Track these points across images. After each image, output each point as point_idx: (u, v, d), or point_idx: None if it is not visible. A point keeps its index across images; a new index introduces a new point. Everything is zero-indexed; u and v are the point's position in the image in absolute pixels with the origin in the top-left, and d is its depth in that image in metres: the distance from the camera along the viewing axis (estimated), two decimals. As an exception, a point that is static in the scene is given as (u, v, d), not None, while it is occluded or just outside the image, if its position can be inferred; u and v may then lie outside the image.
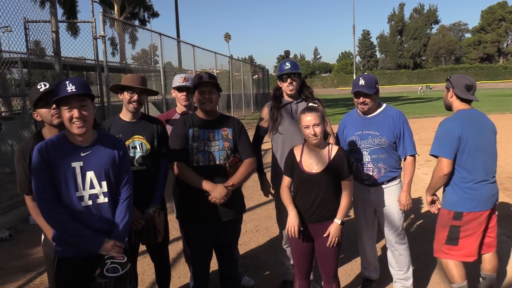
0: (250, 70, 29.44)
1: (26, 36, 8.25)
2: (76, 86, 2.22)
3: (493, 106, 25.55)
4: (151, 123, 3.25)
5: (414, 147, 3.43)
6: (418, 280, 3.82)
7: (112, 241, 2.33)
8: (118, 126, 3.15)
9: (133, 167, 3.09)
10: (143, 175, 3.13)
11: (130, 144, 3.12)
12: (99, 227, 2.36)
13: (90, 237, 2.29)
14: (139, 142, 3.14)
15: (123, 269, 2.28)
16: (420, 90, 56.75)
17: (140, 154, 3.13)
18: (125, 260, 2.32)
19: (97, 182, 2.35)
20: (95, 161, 2.34)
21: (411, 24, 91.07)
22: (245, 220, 5.86)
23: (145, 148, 3.14)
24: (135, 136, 3.14)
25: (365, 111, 3.43)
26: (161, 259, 3.42)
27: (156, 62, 16.26)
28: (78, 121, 2.23)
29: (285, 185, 3.02)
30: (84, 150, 2.33)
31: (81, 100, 2.25)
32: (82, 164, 2.31)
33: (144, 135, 3.17)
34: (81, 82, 2.27)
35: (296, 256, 3.05)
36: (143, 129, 3.18)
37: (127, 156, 2.55)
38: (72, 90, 2.20)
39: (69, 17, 24.65)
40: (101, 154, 2.37)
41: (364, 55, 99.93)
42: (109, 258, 2.29)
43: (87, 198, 2.33)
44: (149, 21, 32.55)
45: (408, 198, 3.40)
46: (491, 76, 73.77)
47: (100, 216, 2.37)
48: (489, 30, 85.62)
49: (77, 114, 2.22)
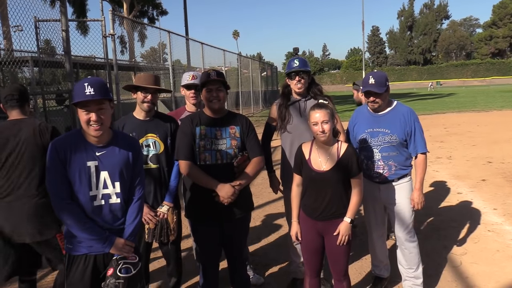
0: (259, 67, 29.40)
1: (36, 35, 8.30)
2: (95, 89, 2.19)
3: (505, 102, 25.23)
4: (164, 121, 3.27)
5: (425, 145, 3.39)
6: (429, 278, 3.79)
7: (123, 240, 2.34)
8: (132, 124, 3.18)
9: (147, 165, 3.13)
10: (157, 173, 3.16)
11: (144, 143, 3.15)
12: (110, 226, 2.37)
13: (102, 236, 2.30)
14: (152, 140, 3.17)
15: (135, 269, 2.31)
16: (430, 86, 56.28)
17: (154, 152, 3.16)
18: (136, 260, 2.34)
19: (111, 182, 2.35)
20: (110, 161, 2.34)
21: (421, 19, 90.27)
22: (254, 218, 5.86)
23: (159, 147, 3.17)
24: (149, 134, 3.17)
25: (376, 109, 3.39)
26: (173, 257, 3.44)
27: (165, 60, 16.31)
28: (95, 124, 2.23)
29: (296, 184, 3.01)
30: (99, 149, 2.33)
31: (100, 103, 2.23)
32: (97, 164, 2.31)
33: (158, 134, 3.19)
34: (100, 84, 2.24)
35: (306, 254, 3.05)
36: (157, 128, 3.20)
37: (141, 156, 2.55)
38: (90, 93, 2.18)
39: (78, 16, 24.86)
40: (116, 154, 2.37)
41: (373, 51, 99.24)
42: (121, 258, 2.30)
43: (100, 197, 2.33)
44: (157, 19, 32.76)
45: (421, 196, 3.38)
46: (502, 71, 72.88)
47: (111, 216, 2.37)
48: (500, 25, 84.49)
49: (95, 117, 2.21)
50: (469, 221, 5.37)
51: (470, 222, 5.34)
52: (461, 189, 6.93)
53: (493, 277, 3.86)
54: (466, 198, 6.40)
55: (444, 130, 14.22)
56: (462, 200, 6.33)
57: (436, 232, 5.05)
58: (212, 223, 3.01)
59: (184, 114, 3.81)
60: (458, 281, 3.84)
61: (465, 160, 9.21)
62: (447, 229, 5.14)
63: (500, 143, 10.90)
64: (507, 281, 3.77)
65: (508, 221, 5.29)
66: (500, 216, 5.49)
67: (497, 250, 4.46)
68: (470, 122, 15.74)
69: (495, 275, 3.88)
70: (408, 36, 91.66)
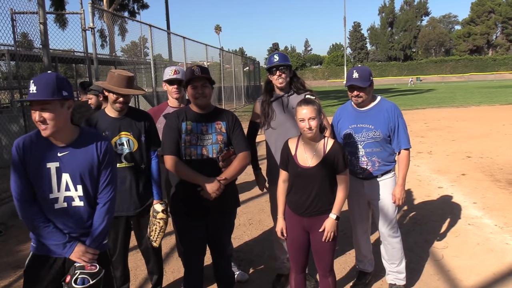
0: (241, 62, 29.31)
1: (13, 28, 8.07)
2: (38, 88, 2.05)
3: (483, 98, 25.77)
4: (138, 118, 3.18)
5: (408, 141, 3.41)
6: (412, 272, 3.84)
7: (84, 247, 2.22)
8: (105, 122, 3.09)
9: (122, 163, 3.07)
10: (133, 171, 3.11)
11: (117, 141, 3.07)
12: (73, 230, 2.24)
13: (62, 241, 2.19)
14: (126, 138, 3.09)
15: (94, 279, 2.16)
16: (410, 82, 57.09)
17: (128, 150, 3.09)
18: (96, 270, 2.19)
19: (73, 185, 2.21)
20: (72, 163, 2.19)
21: (401, 16, 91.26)
22: (238, 214, 5.77)
23: (133, 145, 3.10)
24: (122, 132, 3.09)
25: (360, 104, 3.39)
26: (153, 254, 3.40)
27: (146, 55, 16.10)
28: (40, 124, 2.09)
29: (282, 180, 2.99)
30: (61, 150, 2.19)
31: (42, 102, 2.07)
32: (58, 165, 2.18)
33: (131, 131, 3.11)
34: (45, 82, 2.08)
35: (292, 251, 3.04)
36: (130, 125, 3.13)
37: (110, 157, 2.34)
38: (33, 91, 2.04)
39: (57, 9, 24.25)
40: (79, 155, 2.21)
41: (354, 47, 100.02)
42: (80, 268, 2.17)
43: (62, 200, 2.20)
44: (138, 12, 32.25)
45: (403, 192, 3.40)
46: (480, 68, 74.42)
47: (75, 220, 2.24)
48: (478, 22, 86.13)
49: (37, 117, 2.08)
50: (449, 215, 5.46)
51: (450, 216, 5.42)
52: (442, 183, 7.04)
53: (474, 270, 3.92)
54: (447, 192, 6.51)
55: (424, 125, 14.43)
56: (443, 194, 6.43)
57: (418, 226, 5.12)
58: (197, 218, 2.98)
59: (167, 110, 3.75)
60: (440, 274, 3.89)
61: (445, 155, 9.37)
62: (429, 223, 5.21)
63: (479, 138, 11.11)
64: (488, 274, 3.84)
65: (487, 215, 5.39)
66: (479, 210, 5.59)
67: (477, 243, 4.54)
68: (450, 118, 16.02)
69: (476, 268, 3.95)
70: (389, 32, 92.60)
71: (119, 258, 3.23)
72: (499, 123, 14.01)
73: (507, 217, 5.26)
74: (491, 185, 6.81)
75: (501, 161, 8.46)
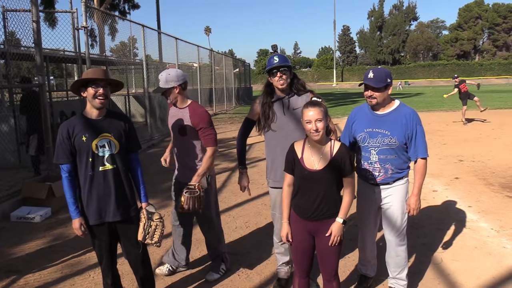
0: (232, 64, 29.23)
1: (4, 26, 7.93)
2: None
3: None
4: (118, 119, 3.07)
5: (426, 150, 3.25)
6: (413, 275, 3.82)
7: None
8: (83, 125, 2.94)
9: (104, 166, 2.94)
10: (115, 174, 2.99)
11: (98, 143, 2.92)
12: None
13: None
14: (107, 140, 2.95)
15: None
16: (399, 86, 57.49)
17: (109, 153, 2.95)
18: None
19: None
20: None
21: (390, 20, 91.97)
22: (234, 217, 5.79)
23: (114, 147, 2.97)
24: (103, 134, 2.95)
25: (375, 106, 3.28)
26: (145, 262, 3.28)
27: (135, 55, 15.95)
28: None
29: (287, 184, 2.95)
30: None
31: None
32: None
33: (112, 133, 2.98)
34: None
35: (296, 255, 3.00)
36: (110, 127, 2.99)
37: None
38: None
39: (46, 7, 23.91)
40: None
41: (344, 50, 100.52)
42: None
43: None
44: (129, 12, 31.97)
45: (418, 202, 3.28)
46: (467, 72, 75.31)
47: None
48: (465, 28, 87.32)
49: None
50: (446, 218, 5.48)
51: (447, 219, 5.44)
52: (436, 186, 7.07)
53: (473, 273, 3.93)
54: (441, 195, 6.54)
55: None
56: (438, 197, 6.46)
57: (415, 229, 5.11)
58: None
59: None
60: (440, 278, 3.89)
61: (438, 158, 9.43)
62: (426, 226, 5.22)
63: (470, 142, 11.23)
64: (488, 277, 3.85)
65: (483, 218, 5.43)
66: (475, 213, 5.62)
67: (475, 247, 4.56)
68: (439, 121, 16.15)
69: (475, 272, 3.96)
70: (378, 36, 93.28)
71: (107, 266, 3.14)
72: (488, 127, 14.20)
73: (502, 221, 5.30)
74: (485, 188, 6.87)
75: (493, 164, 8.55)
